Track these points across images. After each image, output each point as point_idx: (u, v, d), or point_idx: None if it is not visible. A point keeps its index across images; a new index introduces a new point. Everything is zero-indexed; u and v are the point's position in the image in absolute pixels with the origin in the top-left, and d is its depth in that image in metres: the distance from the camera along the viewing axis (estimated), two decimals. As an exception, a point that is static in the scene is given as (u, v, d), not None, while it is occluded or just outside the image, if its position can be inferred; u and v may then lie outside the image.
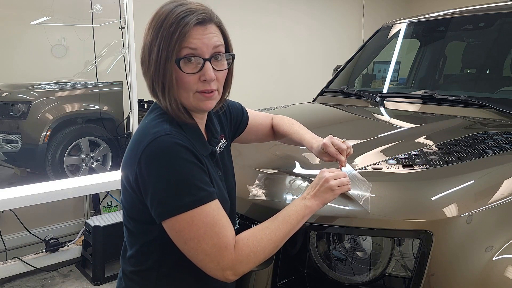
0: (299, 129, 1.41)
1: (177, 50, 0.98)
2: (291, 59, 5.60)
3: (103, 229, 3.03)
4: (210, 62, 1.01)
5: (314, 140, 1.33)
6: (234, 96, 1.19)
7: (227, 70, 1.08)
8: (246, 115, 1.39)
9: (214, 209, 0.98)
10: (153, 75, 1.01)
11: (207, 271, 0.98)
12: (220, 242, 0.96)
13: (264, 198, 1.33)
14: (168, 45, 0.97)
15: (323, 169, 1.15)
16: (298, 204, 1.09)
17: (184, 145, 0.97)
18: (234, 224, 1.21)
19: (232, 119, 1.32)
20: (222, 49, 1.05)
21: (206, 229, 0.95)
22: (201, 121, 1.12)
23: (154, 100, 1.08)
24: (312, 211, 1.09)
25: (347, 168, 1.23)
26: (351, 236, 1.20)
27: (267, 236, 1.01)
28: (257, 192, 1.35)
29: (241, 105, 1.39)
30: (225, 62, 1.06)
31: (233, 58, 1.08)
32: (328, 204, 1.15)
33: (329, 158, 1.26)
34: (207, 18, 1.01)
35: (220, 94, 1.09)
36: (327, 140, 1.26)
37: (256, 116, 1.43)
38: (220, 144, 1.20)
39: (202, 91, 1.02)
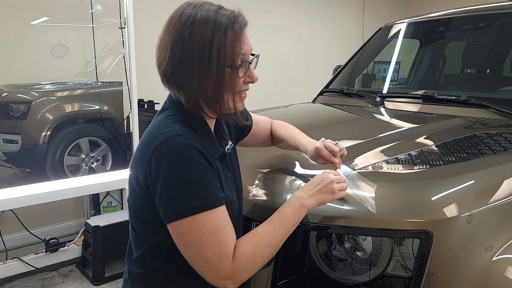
0: (295, 134, 1.41)
1: (236, 56, 1.00)
2: (291, 59, 5.60)
3: (103, 229, 3.03)
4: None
5: (309, 143, 1.33)
6: (234, 96, 1.19)
7: None
8: (250, 119, 1.39)
9: (220, 215, 0.97)
10: (207, 78, 0.99)
11: (207, 279, 0.97)
12: (222, 250, 0.95)
13: (264, 198, 1.33)
14: (226, 52, 0.99)
15: (327, 170, 1.16)
16: (293, 204, 1.08)
17: (196, 147, 0.97)
18: (240, 226, 1.21)
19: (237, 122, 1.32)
20: None
21: (209, 235, 0.94)
22: (211, 123, 1.12)
23: (183, 101, 1.05)
24: (307, 210, 1.09)
25: (343, 169, 1.24)
26: (351, 236, 1.20)
27: (263, 241, 1.01)
28: (257, 192, 1.35)
29: (245, 109, 1.39)
30: None
31: (258, 59, 1.10)
32: (329, 204, 1.15)
33: (324, 161, 1.27)
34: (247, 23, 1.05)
35: None
36: (319, 144, 1.27)
37: (259, 120, 1.43)
38: (228, 146, 1.19)
39: (242, 91, 1.06)
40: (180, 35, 0.99)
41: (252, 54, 1.07)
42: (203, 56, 0.98)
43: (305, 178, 1.33)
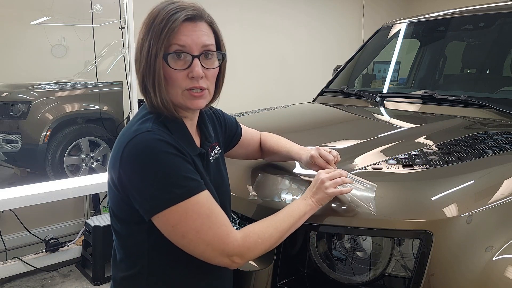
0: (286, 143, 1.41)
1: (166, 46, 0.99)
2: (291, 59, 5.60)
3: (103, 229, 3.03)
4: (199, 59, 1.01)
5: (303, 151, 1.34)
6: (234, 96, 1.20)
7: (217, 69, 1.08)
8: (240, 129, 1.39)
9: (207, 199, 0.98)
10: (144, 72, 1.01)
11: (211, 260, 0.98)
12: (220, 231, 0.96)
13: (264, 198, 1.33)
14: (158, 41, 0.98)
15: (319, 171, 1.19)
16: (299, 202, 1.12)
17: (165, 140, 0.97)
18: None
19: (226, 130, 1.32)
20: (213, 48, 1.05)
21: (203, 220, 0.95)
22: (190, 122, 1.11)
23: (144, 99, 1.08)
24: (313, 209, 1.12)
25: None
26: (351, 236, 1.20)
27: (272, 225, 1.04)
28: (257, 192, 1.35)
29: (235, 119, 1.39)
30: (216, 61, 1.06)
31: (224, 57, 1.09)
32: (329, 204, 1.16)
33: (318, 168, 1.28)
34: (197, 15, 1.02)
35: (211, 94, 1.09)
36: (314, 152, 1.28)
37: (248, 131, 1.43)
38: (216, 151, 1.19)
39: (191, 88, 1.02)
40: (140, 28, 1.03)
41: (219, 52, 1.06)
42: (144, 43, 1.00)
43: (305, 178, 1.33)
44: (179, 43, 0.99)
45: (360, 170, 1.32)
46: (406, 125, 2.01)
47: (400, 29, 2.73)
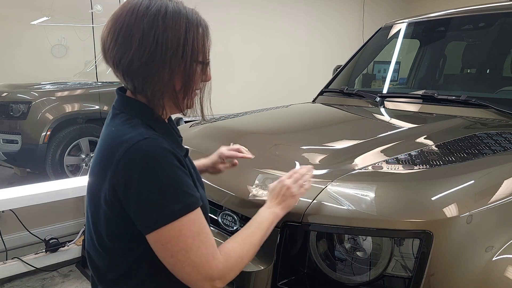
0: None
1: (207, 53, 1.01)
2: (291, 59, 5.61)
3: (103, 229, 3.02)
4: None
5: (206, 158, 1.40)
6: (234, 96, 1.20)
7: None
8: None
9: (199, 216, 0.93)
10: (178, 71, 0.96)
11: (194, 284, 0.93)
12: (208, 252, 0.91)
13: (264, 198, 1.33)
14: (202, 49, 0.99)
15: (281, 178, 1.17)
16: (265, 212, 1.11)
17: (167, 148, 0.91)
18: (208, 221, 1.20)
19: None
20: None
21: (193, 239, 0.90)
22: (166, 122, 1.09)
23: (148, 95, 0.99)
24: (279, 217, 1.12)
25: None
26: (351, 236, 1.20)
27: (247, 240, 1.02)
28: (257, 192, 1.35)
29: None
30: None
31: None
32: (328, 203, 1.17)
33: (224, 166, 1.38)
34: None
35: None
36: (221, 149, 1.38)
37: None
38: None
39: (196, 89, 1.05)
40: (152, 25, 0.93)
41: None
42: (177, 48, 0.94)
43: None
44: (208, 51, 1.03)
45: (360, 170, 1.32)
46: (406, 125, 2.01)
47: (400, 29, 2.73)
